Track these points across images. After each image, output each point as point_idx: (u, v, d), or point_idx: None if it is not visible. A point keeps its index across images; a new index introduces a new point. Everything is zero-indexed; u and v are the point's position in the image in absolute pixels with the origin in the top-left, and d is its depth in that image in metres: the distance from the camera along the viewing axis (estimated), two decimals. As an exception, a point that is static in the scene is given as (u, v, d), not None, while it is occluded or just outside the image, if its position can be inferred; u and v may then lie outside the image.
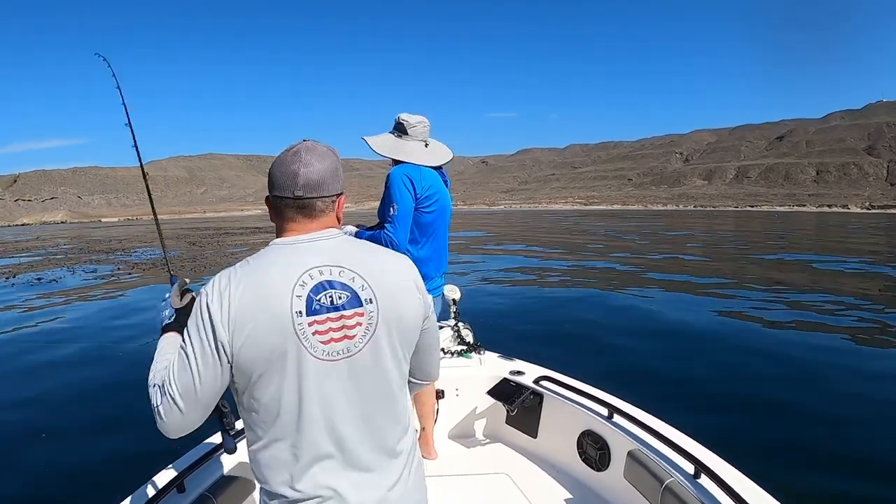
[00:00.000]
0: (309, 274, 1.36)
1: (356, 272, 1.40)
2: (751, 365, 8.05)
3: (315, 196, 1.43)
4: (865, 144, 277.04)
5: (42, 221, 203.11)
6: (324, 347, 1.35)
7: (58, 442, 5.74)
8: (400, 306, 1.44)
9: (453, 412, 4.00)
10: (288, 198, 1.43)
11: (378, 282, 1.41)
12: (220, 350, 1.33)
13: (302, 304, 1.34)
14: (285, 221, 1.46)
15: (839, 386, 7.07)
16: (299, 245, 1.42)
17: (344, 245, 1.45)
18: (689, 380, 7.19)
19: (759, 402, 6.35)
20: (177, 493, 2.33)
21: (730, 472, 2.30)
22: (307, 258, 1.39)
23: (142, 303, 13.88)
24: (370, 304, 1.39)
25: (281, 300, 1.33)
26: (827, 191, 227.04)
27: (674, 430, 2.75)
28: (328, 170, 1.45)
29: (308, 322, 1.33)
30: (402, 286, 1.47)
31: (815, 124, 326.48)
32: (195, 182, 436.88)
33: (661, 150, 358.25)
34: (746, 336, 9.86)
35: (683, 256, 25.10)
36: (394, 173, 2.99)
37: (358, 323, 1.38)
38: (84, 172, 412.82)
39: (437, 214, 3.14)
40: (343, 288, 1.38)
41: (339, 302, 1.37)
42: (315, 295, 1.35)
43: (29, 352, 9.56)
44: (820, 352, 8.74)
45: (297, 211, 1.44)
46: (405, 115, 3.19)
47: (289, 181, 1.42)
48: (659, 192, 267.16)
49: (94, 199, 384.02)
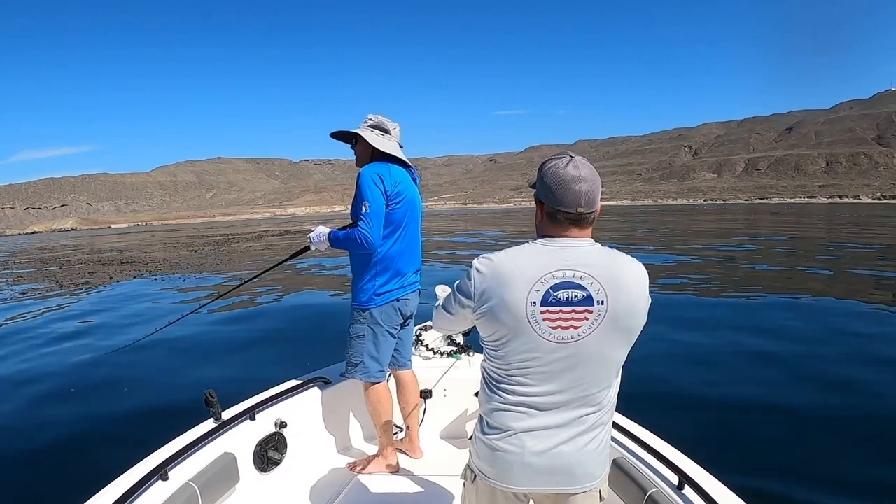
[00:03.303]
0: (553, 274, 1.61)
1: (595, 278, 1.62)
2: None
3: (591, 211, 1.66)
4: (875, 134, 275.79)
5: (52, 229, 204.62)
6: (551, 332, 1.62)
7: (35, 427, 5.57)
8: (630, 310, 1.64)
9: (442, 413, 3.83)
10: (570, 213, 1.64)
11: (613, 288, 1.62)
12: (469, 307, 1.72)
13: (539, 296, 1.61)
14: (557, 229, 1.68)
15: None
16: (558, 249, 1.65)
17: (594, 253, 1.66)
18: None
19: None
20: (160, 480, 2.33)
21: (713, 485, 2.30)
22: (559, 260, 1.63)
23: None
24: (601, 304, 1.61)
25: (520, 291, 1.62)
26: (837, 181, 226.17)
27: (659, 439, 2.71)
28: (598, 185, 1.68)
29: (540, 311, 1.61)
30: (634, 296, 1.65)
31: (823, 115, 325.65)
32: (204, 186, 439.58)
33: (670, 143, 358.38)
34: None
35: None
36: (364, 172, 3.02)
37: (585, 318, 1.62)
38: (93, 179, 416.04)
39: (406, 210, 3.13)
40: (580, 289, 1.61)
41: (574, 299, 1.61)
42: (554, 291, 1.61)
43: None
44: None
45: (571, 223, 1.66)
46: (380, 116, 3.23)
47: (573, 199, 1.63)
48: (668, 187, 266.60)
49: (103, 206, 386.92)
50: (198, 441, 2.61)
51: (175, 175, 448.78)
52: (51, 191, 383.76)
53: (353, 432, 3.68)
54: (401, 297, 3.15)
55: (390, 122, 3.23)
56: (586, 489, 1.72)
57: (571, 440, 1.68)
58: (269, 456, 2.96)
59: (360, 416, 3.69)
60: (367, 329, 3.11)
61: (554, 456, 1.68)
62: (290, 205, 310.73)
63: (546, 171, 1.69)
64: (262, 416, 2.98)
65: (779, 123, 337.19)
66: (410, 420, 3.50)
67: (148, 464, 2.40)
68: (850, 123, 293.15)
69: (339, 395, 3.51)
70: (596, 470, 1.73)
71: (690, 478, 2.33)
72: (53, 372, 7.62)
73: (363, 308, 3.09)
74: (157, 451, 2.52)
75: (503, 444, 1.70)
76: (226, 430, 2.75)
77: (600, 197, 1.72)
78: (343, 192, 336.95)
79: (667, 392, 5.92)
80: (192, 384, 6.18)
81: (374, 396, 3.19)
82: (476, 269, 1.69)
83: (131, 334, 9.32)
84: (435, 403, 3.79)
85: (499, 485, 1.73)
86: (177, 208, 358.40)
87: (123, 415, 5.71)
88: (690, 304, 11.03)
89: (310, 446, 3.30)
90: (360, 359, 3.13)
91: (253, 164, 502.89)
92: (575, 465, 1.69)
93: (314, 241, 3.21)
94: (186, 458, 2.50)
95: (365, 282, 3.07)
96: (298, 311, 11.40)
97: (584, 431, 1.70)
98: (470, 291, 1.70)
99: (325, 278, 16.36)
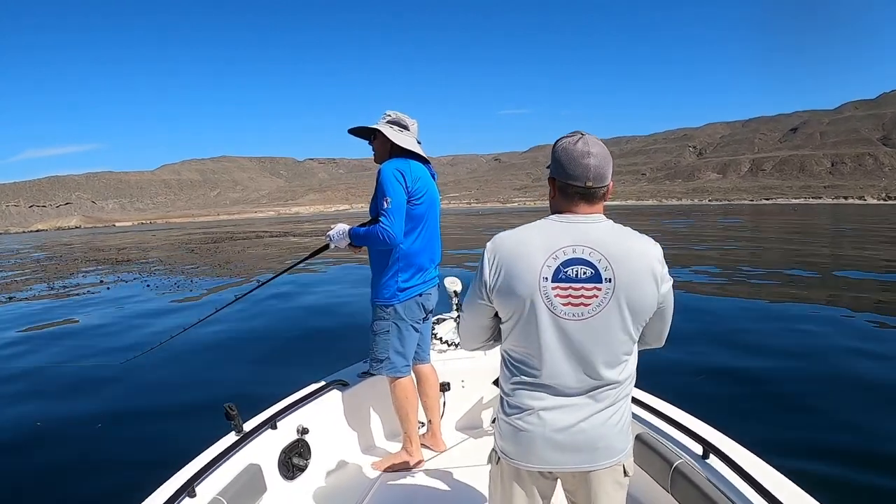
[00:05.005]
0: (563, 250, 1.65)
1: (602, 254, 1.64)
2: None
3: (600, 186, 1.69)
4: (880, 134, 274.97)
5: (57, 227, 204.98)
6: (563, 308, 1.65)
7: (61, 444, 5.45)
8: (636, 289, 1.66)
9: (460, 404, 3.87)
10: (579, 186, 1.68)
11: (620, 265, 1.64)
12: (484, 285, 1.73)
13: (550, 272, 1.64)
14: (568, 204, 1.72)
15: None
16: (569, 225, 1.69)
17: (604, 230, 1.69)
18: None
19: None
20: (188, 497, 2.32)
21: (738, 452, 2.32)
22: (569, 237, 1.67)
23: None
24: (608, 282, 1.64)
25: (533, 265, 1.65)
26: (842, 182, 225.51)
27: (681, 412, 2.74)
28: (608, 162, 1.70)
29: (552, 287, 1.64)
30: (642, 274, 1.66)
31: (828, 115, 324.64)
32: (208, 185, 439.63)
33: (675, 143, 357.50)
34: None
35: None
36: (385, 168, 3.03)
37: (594, 295, 1.64)
38: (97, 178, 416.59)
39: (427, 207, 3.15)
40: (588, 265, 1.64)
41: (583, 276, 1.64)
42: (564, 267, 1.64)
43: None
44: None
45: (581, 198, 1.70)
46: (399, 113, 3.23)
47: (581, 172, 1.66)
48: (673, 187, 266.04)
49: (107, 204, 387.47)
50: (222, 455, 2.60)
51: (180, 173, 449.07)
52: (55, 189, 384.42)
53: (375, 431, 3.70)
54: (423, 292, 3.17)
55: (409, 119, 3.24)
56: (610, 464, 1.74)
57: (592, 416, 1.70)
58: (294, 463, 2.96)
59: (380, 415, 3.71)
60: (392, 325, 3.11)
61: (577, 432, 1.70)
62: (295, 204, 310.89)
63: (558, 147, 1.73)
64: (283, 423, 2.98)
65: (784, 124, 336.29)
66: (432, 413, 3.53)
67: (174, 482, 2.38)
68: (855, 124, 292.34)
69: (357, 396, 3.54)
70: (618, 444, 1.75)
71: (715, 447, 2.34)
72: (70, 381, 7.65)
73: (387, 304, 3.10)
74: (182, 469, 2.50)
75: (524, 424, 1.72)
76: (249, 442, 2.76)
77: (611, 174, 1.73)
78: (347, 192, 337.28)
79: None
80: (212, 391, 6.25)
81: (400, 392, 3.21)
82: (489, 248, 1.73)
83: (129, 341, 9.37)
84: (453, 395, 3.82)
85: (523, 465, 1.75)
86: (181, 207, 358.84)
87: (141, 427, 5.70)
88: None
89: (333, 450, 3.32)
90: (386, 354, 3.13)
91: (257, 162, 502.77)
92: (597, 438, 1.71)
93: (334, 238, 3.23)
94: (212, 473, 2.49)
95: (388, 278, 3.08)
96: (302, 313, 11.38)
97: (604, 407, 1.71)
98: (485, 270, 1.73)
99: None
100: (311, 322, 10.39)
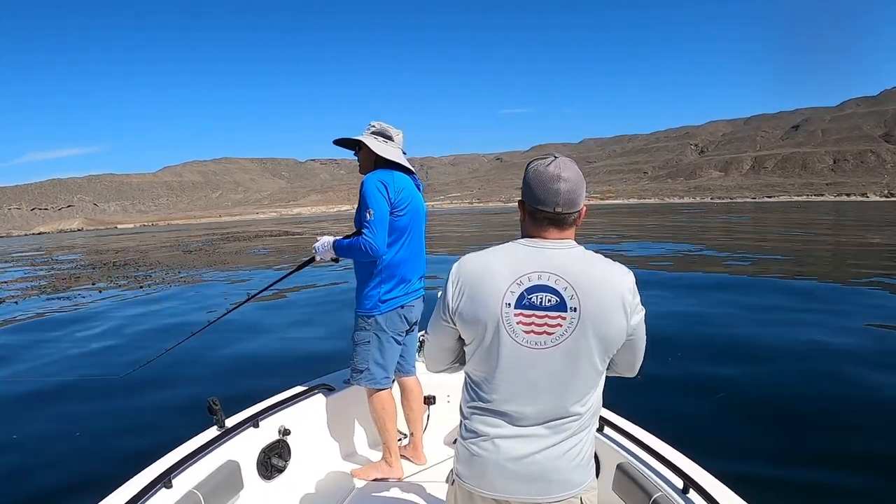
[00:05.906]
0: (528, 276, 1.60)
1: (569, 282, 1.59)
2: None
3: (570, 212, 1.65)
4: (882, 131, 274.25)
5: (59, 230, 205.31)
6: (525, 336, 1.61)
7: (40, 435, 5.52)
8: (603, 319, 1.60)
9: (446, 418, 3.81)
10: (548, 212, 1.64)
11: (586, 294, 1.59)
12: (447, 307, 1.70)
13: (513, 298, 1.60)
14: (537, 229, 1.68)
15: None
16: (536, 250, 1.64)
17: (572, 256, 1.64)
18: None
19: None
20: (164, 488, 2.31)
21: (718, 488, 2.30)
22: (535, 263, 1.62)
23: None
24: (574, 311, 1.59)
25: (496, 290, 1.62)
26: (844, 179, 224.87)
27: (663, 444, 2.71)
28: (580, 187, 1.66)
29: (514, 313, 1.60)
30: (610, 304, 1.61)
31: (830, 112, 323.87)
32: (210, 186, 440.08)
33: (676, 142, 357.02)
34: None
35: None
36: (368, 179, 3.04)
37: (558, 324, 1.60)
38: (99, 180, 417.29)
39: (410, 218, 3.15)
40: (553, 293, 1.59)
41: (547, 304, 1.59)
42: (528, 294, 1.60)
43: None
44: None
45: (550, 223, 1.65)
46: (383, 123, 3.25)
47: (551, 198, 1.62)
48: (675, 185, 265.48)
49: (109, 206, 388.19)
50: (201, 449, 2.60)
51: (181, 175, 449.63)
52: (57, 191, 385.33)
53: (357, 439, 3.65)
54: (405, 304, 3.17)
55: (393, 129, 3.25)
56: (564, 497, 1.68)
57: (548, 449, 1.65)
58: (273, 463, 2.96)
59: (363, 423, 3.65)
60: (373, 335, 3.13)
61: (530, 463, 1.65)
62: (296, 204, 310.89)
63: (529, 170, 1.69)
64: (265, 423, 2.99)
65: (785, 121, 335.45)
66: (414, 426, 3.49)
67: (151, 472, 2.38)
68: (857, 121, 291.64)
69: (342, 401, 3.49)
70: (576, 477, 1.69)
71: (695, 482, 2.34)
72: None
73: (368, 315, 3.11)
74: (160, 459, 2.50)
75: (478, 449, 1.69)
76: (229, 438, 2.76)
77: (583, 199, 1.69)
78: (349, 192, 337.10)
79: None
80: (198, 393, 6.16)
81: (377, 403, 3.20)
82: (454, 269, 1.71)
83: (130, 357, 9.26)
84: (438, 409, 3.79)
85: (475, 489, 1.71)
86: (183, 208, 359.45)
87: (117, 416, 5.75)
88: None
89: (314, 453, 3.27)
90: (366, 365, 3.15)
91: (259, 163, 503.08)
92: (551, 471, 1.65)
93: (319, 251, 3.23)
94: (190, 466, 2.49)
95: (370, 288, 3.09)
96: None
97: (563, 439, 1.67)
98: (448, 292, 1.70)
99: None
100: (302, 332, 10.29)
